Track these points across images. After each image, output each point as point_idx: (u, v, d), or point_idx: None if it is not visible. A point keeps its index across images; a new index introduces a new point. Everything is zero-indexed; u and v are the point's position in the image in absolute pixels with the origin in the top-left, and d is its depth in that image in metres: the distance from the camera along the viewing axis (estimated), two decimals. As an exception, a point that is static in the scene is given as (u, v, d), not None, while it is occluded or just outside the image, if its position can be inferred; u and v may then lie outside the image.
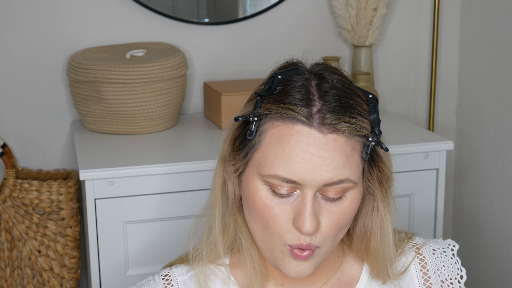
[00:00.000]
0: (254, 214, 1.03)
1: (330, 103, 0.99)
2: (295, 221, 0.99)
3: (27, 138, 2.12)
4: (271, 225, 1.01)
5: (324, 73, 1.03)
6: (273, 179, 0.99)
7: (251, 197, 1.02)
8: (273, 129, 1.00)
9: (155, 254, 1.72)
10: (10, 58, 2.07)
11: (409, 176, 1.86)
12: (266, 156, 1.00)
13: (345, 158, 0.99)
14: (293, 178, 0.98)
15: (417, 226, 1.88)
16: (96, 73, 1.89)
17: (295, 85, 1.02)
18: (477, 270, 2.30)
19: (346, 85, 1.03)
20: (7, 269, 1.99)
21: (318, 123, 0.98)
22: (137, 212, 1.70)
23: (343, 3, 2.15)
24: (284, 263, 1.03)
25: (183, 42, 2.16)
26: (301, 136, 0.98)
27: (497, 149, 2.18)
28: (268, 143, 1.00)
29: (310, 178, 0.98)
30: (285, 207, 1.00)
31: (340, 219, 1.02)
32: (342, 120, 0.98)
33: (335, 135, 0.98)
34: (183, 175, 1.71)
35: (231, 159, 1.07)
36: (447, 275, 1.19)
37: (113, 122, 1.94)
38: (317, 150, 0.97)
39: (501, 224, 2.18)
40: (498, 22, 2.14)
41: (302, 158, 0.97)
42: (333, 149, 0.98)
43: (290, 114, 0.99)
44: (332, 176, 0.98)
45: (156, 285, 1.13)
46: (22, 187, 1.96)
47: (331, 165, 0.98)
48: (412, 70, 2.36)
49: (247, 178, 1.04)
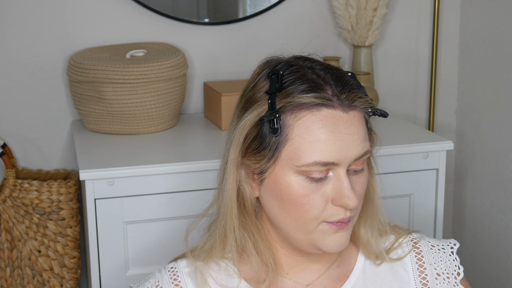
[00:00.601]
0: (288, 207, 1.06)
1: (337, 85, 1.05)
2: (338, 200, 1.04)
3: (27, 138, 2.12)
4: (310, 211, 1.04)
5: (308, 60, 1.10)
6: (311, 167, 1.03)
7: (285, 191, 1.05)
8: (299, 120, 1.03)
9: (155, 254, 1.72)
10: (10, 58, 2.07)
11: (409, 176, 1.86)
12: (298, 147, 1.03)
13: (364, 131, 1.06)
14: (332, 160, 1.03)
15: (417, 226, 1.88)
16: (96, 73, 1.89)
17: (296, 77, 1.06)
18: (477, 270, 2.30)
19: (331, 67, 1.09)
20: (7, 269, 1.99)
21: (339, 104, 1.04)
22: (137, 212, 1.70)
23: (343, 3, 2.15)
24: (325, 241, 1.07)
25: (183, 42, 2.16)
26: (329, 119, 1.03)
27: (497, 149, 2.18)
28: (297, 134, 1.03)
29: (346, 155, 1.03)
30: (322, 190, 1.04)
31: (364, 189, 1.08)
32: (356, 97, 1.05)
33: (354, 112, 1.05)
34: (183, 175, 1.71)
35: (249, 163, 1.08)
36: (444, 269, 1.19)
37: (113, 122, 1.94)
38: (346, 128, 1.03)
39: (501, 224, 2.18)
40: (498, 22, 2.14)
41: (336, 139, 1.03)
42: (357, 124, 1.05)
43: (312, 101, 1.03)
44: (360, 150, 1.05)
45: (162, 276, 1.16)
46: (22, 187, 1.96)
47: (358, 140, 1.04)
48: (412, 70, 2.36)
49: (276, 175, 1.06)
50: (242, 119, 1.08)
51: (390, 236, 1.21)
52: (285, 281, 1.15)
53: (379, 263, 1.18)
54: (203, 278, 1.14)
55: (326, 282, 1.16)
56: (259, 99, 1.07)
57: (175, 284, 1.15)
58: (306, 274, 1.16)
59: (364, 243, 1.17)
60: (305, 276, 1.16)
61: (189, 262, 1.16)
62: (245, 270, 1.15)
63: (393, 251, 1.20)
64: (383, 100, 2.33)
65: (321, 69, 1.07)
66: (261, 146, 1.06)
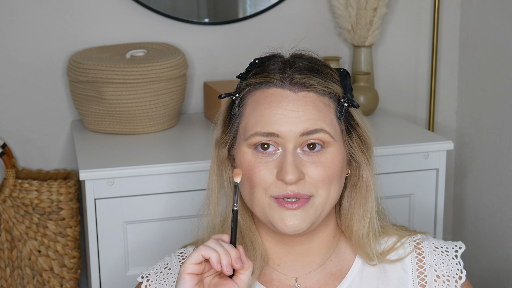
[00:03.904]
0: (246, 181, 1.11)
1: (300, 69, 1.12)
2: (279, 173, 1.09)
3: (27, 138, 2.12)
4: (257, 182, 1.10)
5: (300, 55, 1.16)
6: (254, 137, 1.10)
7: (240, 165, 1.12)
8: (251, 97, 1.13)
9: (155, 254, 1.72)
10: (10, 57, 2.07)
11: (409, 176, 1.86)
12: (247, 122, 1.12)
13: (318, 112, 1.10)
14: (271, 130, 1.09)
15: (417, 226, 1.88)
16: (96, 73, 1.89)
17: (271, 63, 1.14)
18: (477, 270, 2.30)
19: (317, 60, 1.16)
20: (7, 269, 1.99)
21: (289, 83, 1.11)
22: (137, 212, 1.70)
23: (343, 3, 2.15)
24: (275, 218, 1.10)
25: (183, 42, 2.16)
26: (276, 96, 1.11)
27: (497, 149, 2.18)
28: (248, 111, 1.13)
29: (288, 129, 1.09)
30: (269, 164, 1.10)
31: (326, 170, 1.10)
32: (309, 79, 1.11)
33: (305, 92, 1.11)
34: (183, 175, 1.71)
35: (222, 140, 1.17)
36: (445, 272, 1.19)
37: (113, 122, 1.94)
38: (291, 106, 1.10)
39: (501, 224, 2.18)
40: (498, 22, 2.14)
41: (278, 113, 1.09)
42: (304, 104, 1.10)
43: (265, 80, 1.12)
44: (308, 126, 1.09)
45: (171, 260, 1.22)
46: (22, 187, 1.96)
47: (305, 117, 1.09)
48: (412, 70, 2.36)
49: (236, 150, 1.15)
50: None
51: (392, 237, 1.21)
52: (275, 272, 1.17)
53: (374, 264, 1.18)
54: None
55: (319, 277, 1.17)
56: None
57: None
58: (297, 267, 1.17)
59: (356, 240, 1.18)
60: (296, 269, 1.18)
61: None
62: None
63: (393, 252, 1.20)
64: (383, 100, 2.33)
65: (300, 60, 1.14)
66: (229, 125, 1.16)
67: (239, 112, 1.14)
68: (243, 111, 1.14)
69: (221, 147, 1.18)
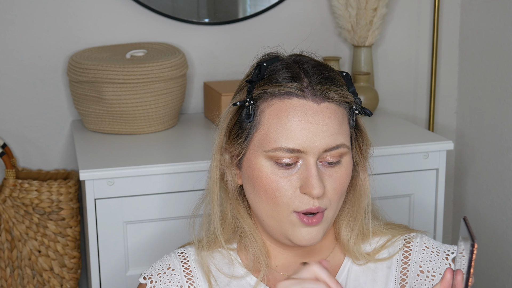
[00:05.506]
0: (260, 192, 1.09)
1: (316, 77, 1.09)
2: (304, 187, 1.07)
3: (27, 138, 2.12)
4: (279, 197, 1.08)
5: (301, 58, 1.14)
6: (277, 152, 1.07)
7: (256, 176, 1.09)
8: (270, 107, 1.09)
9: (155, 254, 1.72)
10: (10, 57, 2.07)
11: (409, 176, 1.86)
12: (267, 133, 1.08)
13: (338, 124, 1.09)
14: (297, 147, 1.06)
15: (417, 226, 1.88)
16: (96, 73, 1.89)
17: (281, 68, 1.11)
18: (477, 270, 2.30)
19: (322, 64, 1.14)
20: (7, 269, 1.99)
21: (311, 94, 1.08)
22: (137, 212, 1.70)
23: (343, 3, 2.15)
24: (294, 232, 1.09)
25: (183, 42, 2.16)
26: (298, 107, 1.07)
27: (497, 149, 2.18)
28: (268, 120, 1.09)
29: (312, 144, 1.06)
30: (291, 177, 1.08)
31: (341, 183, 1.10)
32: (330, 90, 1.09)
33: (327, 104, 1.08)
34: (183, 175, 1.71)
35: (228, 147, 1.14)
36: (431, 268, 1.18)
37: (113, 122, 1.94)
38: (315, 118, 1.07)
39: (501, 224, 2.18)
40: (498, 22, 2.14)
41: (302, 128, 1.07)
42: (327, 116, 1.08)
43: (284, 90, 1.08)
44: (331, 142, 1.07)
45: (173, 260, 1.20)
46: (22, 187, 1.96)
47: (328, 131, 1.07)
48: (412, 70, 2.36)
49: (249, 160, 1.11)
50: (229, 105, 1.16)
51: (385, 236, 1.21)
52: (275, 274, 1.17)
53: (362, 263, 1.18)
54: (208, 267, 1.18)
55: None
56: (243, 88, 1.15)
57: (185, 268, 1.19)
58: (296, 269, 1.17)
59: (343, 242, 1.18)
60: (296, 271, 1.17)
61: (197, 251, 1.20)
62: (244, 258, 1.18)
63: (384, 250, 1.20)
64: (383, 100, 2.33)
65: (306, 63, 1.12)
66: (238, 131, 1.12)
67: (255, 121, 1.10)
68: (260, 120, 1.09)
69: (225, 153, 1.15)
